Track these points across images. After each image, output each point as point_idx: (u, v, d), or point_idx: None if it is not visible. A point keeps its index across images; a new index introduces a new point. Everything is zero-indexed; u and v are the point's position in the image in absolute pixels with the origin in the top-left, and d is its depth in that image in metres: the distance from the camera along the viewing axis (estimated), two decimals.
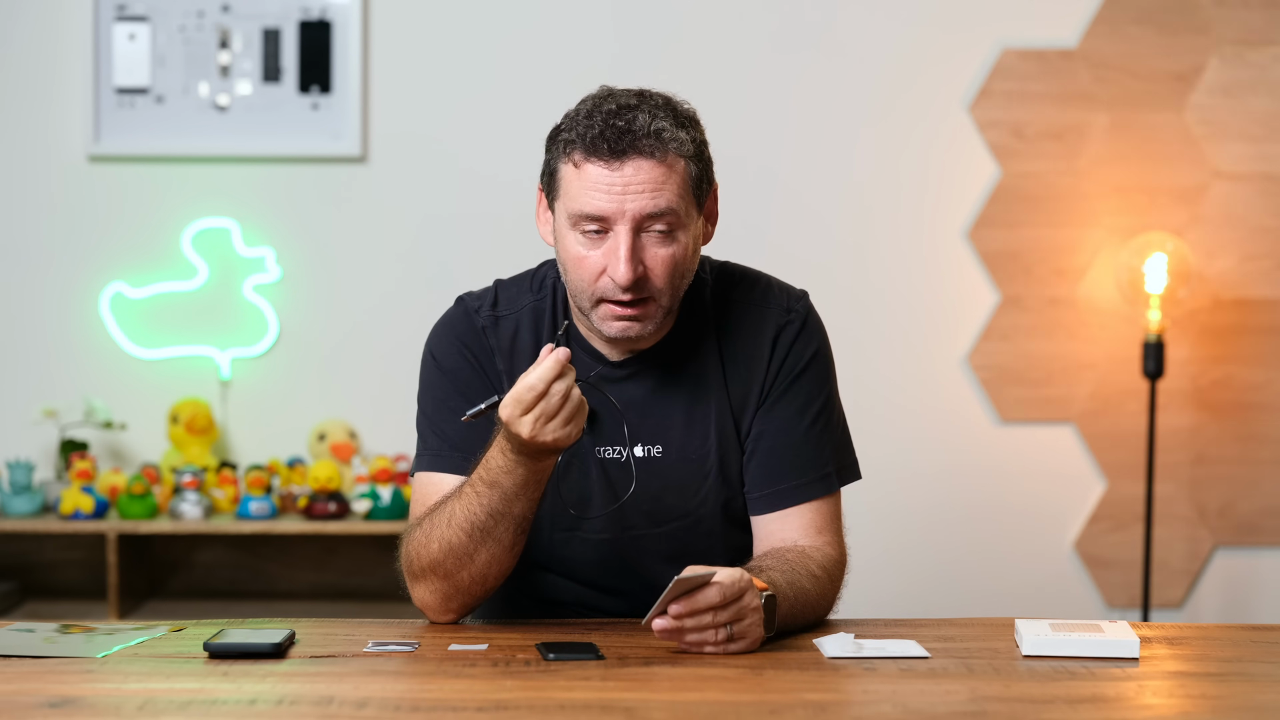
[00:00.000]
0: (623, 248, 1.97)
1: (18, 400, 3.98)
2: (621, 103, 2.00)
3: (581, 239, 2.01)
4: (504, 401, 1.91)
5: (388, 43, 3.99)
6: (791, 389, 2.14)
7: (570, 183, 2.00)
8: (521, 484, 1.97)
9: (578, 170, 1.99)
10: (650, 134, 1.97)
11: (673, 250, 2.01)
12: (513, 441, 1.93)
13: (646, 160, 1.97)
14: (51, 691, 1.70)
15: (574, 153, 1.99)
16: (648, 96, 2.03)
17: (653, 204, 1.98)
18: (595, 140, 1.97)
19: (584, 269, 2.01)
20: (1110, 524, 4.07)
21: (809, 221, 4.04)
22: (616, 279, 1.98)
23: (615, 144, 1.97)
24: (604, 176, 1.97)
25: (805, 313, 2.17)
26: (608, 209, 1.97)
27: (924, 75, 4.03)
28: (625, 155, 1.97)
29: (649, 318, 2.03)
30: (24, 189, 4.00)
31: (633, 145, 1.97)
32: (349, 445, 3.91)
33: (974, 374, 4.05)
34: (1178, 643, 2.01)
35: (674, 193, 1.99)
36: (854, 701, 1.72)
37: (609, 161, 1.97)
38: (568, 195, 2.01)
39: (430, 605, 2.08)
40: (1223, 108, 4.03)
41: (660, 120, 1.99)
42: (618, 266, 1.97)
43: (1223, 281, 4.05)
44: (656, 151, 1.98)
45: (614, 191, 1.97)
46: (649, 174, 1.97)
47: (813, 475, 2.13)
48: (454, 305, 2.20)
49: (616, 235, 1.98)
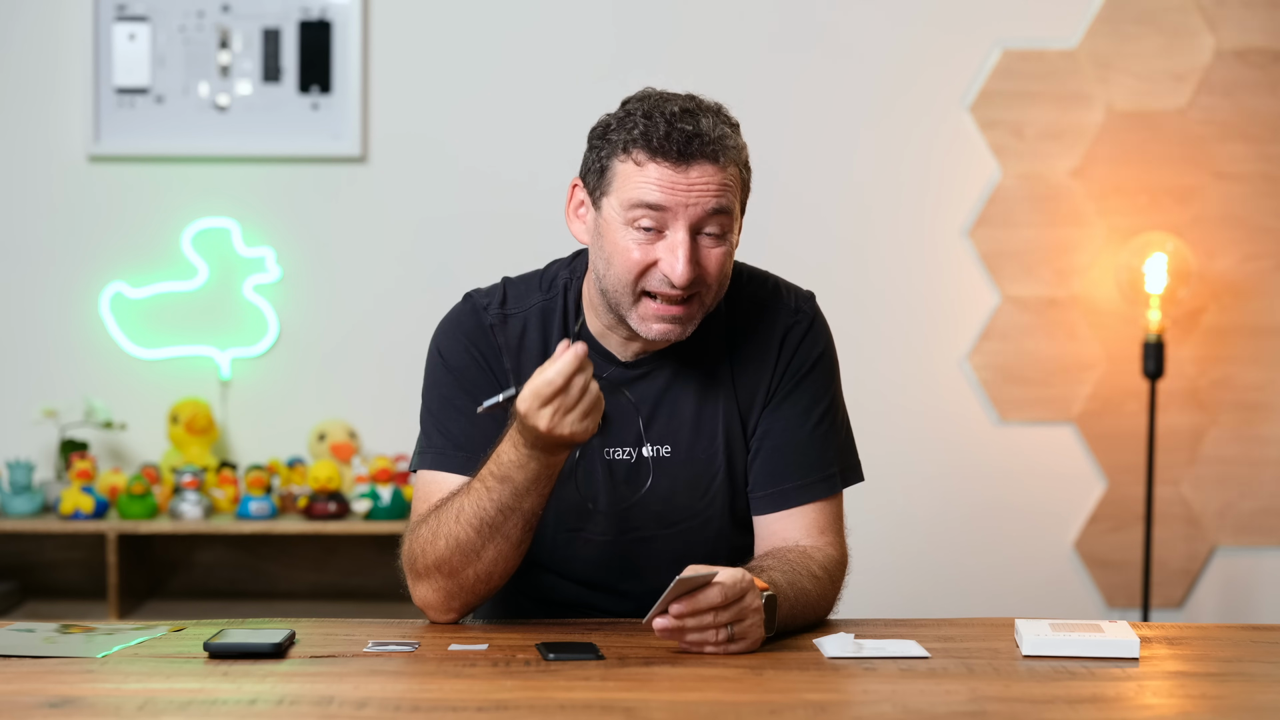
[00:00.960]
0: (682, 246, 1.99)
1: (18, 400, 3.98)
2: (684, 106, 2.03)
3: (635, 234, 2.01)
4: (522, 394, 1.91)
5: (388, 43, 3.99)
6: (797, 389, 2.15)
7: (630, 177, 2.01)
8: (533, 479, 1.97)
9: (640, 168, 2.00)
10: (715, 140, 2.00)
11: (724, 250, 2.04)
12: (527, 435, 1.93)
13: (711, 165, 2.00)
14: (51, 691, 1.70)
15: (635, 151, 2.00)
16: (701, 102, 2.05)
17: (715, 203, 2.00)
18: (662, 141, 1.99)
19: (632, 262, 2.01)
20: (1110, 524, 4.07)
21: (809, 221, 4.04)
22: (674, 276, 1.99)
23: (684, 147, 1.99)
24: (669, 176, 1.99)
25: (813, 314, 2.19)
26: (670, 203, 1.99)
27: (924, 75, 4.03)
28: (693, 159, 1.99)
29: (691, 319, 2.05)
30: (24, 189, 4.00)
31: (700, 149, 1.99)
32: (349, 445, 3.91)
33: (974, 374, 4.05)
34: (1178, 643, 2.01)
35: (731, 197, 2.02)
36: (854, 701, 1.72)
37: (675, 164, 1.99)
38: (625, 188, 2.01)
39: (432, 604, 2.08)
40: (1223, 108, 4.03)
41: (722, 127, 2.02)
42: (675, 264, 1.99)
43: (1223, 281, 4.05)
44: (720, 157, 2.01)
45: (678, 190, 1.99)
46: (712, 178, 2.00)
47: (816, 476, 2.13)
48: (461, 302, 2.19)
49: (674, 233, 2.00)
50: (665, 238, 2.00)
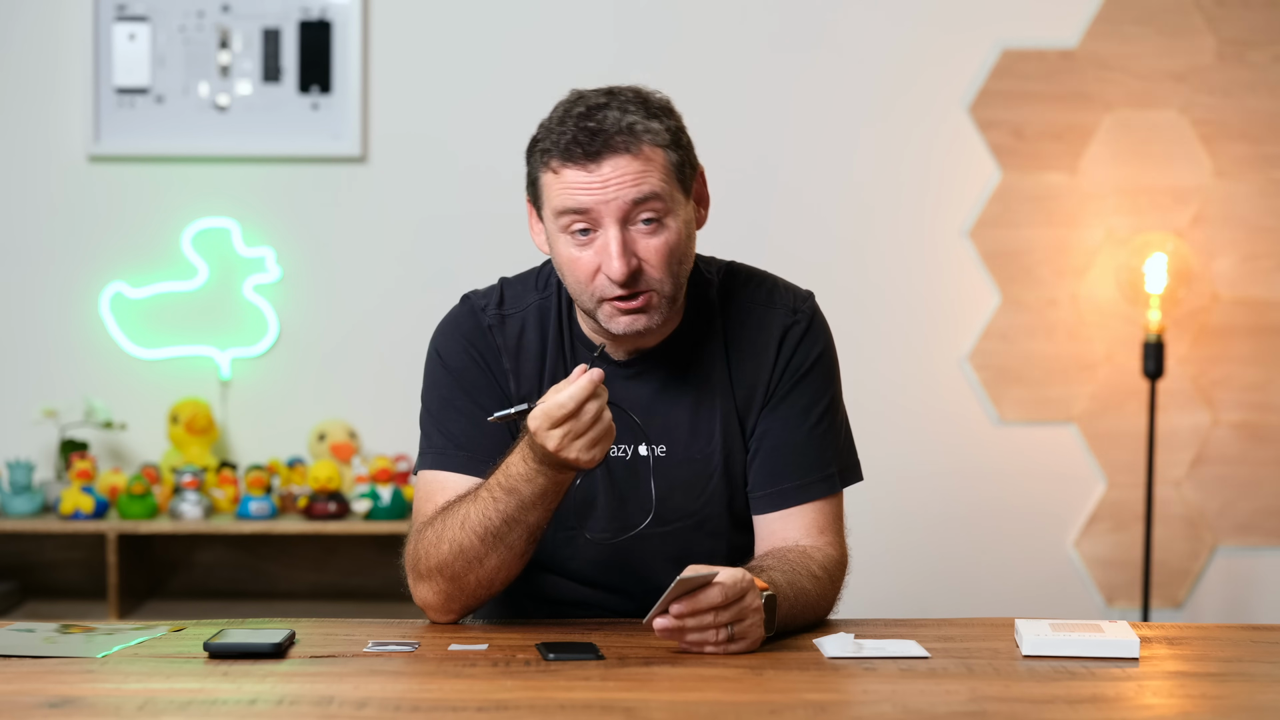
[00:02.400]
0: (613, 243, 1.98)
1: (18, 400, 3.98)
2: (591, 104, 2.02)
3: (571, 241, 2.01)
4: (534, 413, 1.90)
5: (388, 43, 3.99)
6: (796, 389, 2.14)
7: (552, 186, 2.02)
8: (540, 493, 1.97)
9: (558, 175, 2.00)
10: (623, 130, 1.99)
11: (665, 238, 2.01)
12: (536, 451, 1.93)
13: (622, 156, 1.98)
14: (51, 691, 1.70)
15: (551, 160, 2.01)
16: (617, 93, 2.04)
17: (635, 192, 1.98)
18: (570, 145, 1.99)
19: (579, 270, 2.02)
20: (1110, 524, 4.07)
21: (809, 221, 4.04)
22: (610, 274, 1.98)
23: (589, 146, 1.98)
24: (582, 178, 1.99)
25: (811, 313, 2.18)
26: (590, 203, 1.98)
27: (924, 75, 4.03)
28: (601, 155, 1.98)
29: (653, 309, 2.03)
30: (24, 189, 4.00)
31: (607, 144, 1.98)
32: (349, 445, 3.91)
33: (974, 374, 4.05)
34: (1178, 643, 2.01)
35: (656, 181, 2.00)
36: (854, 701, 1.72)
37: (584, 164, 1.98)
38: (552, 198, 2.02)
39: (432, 605, 2.08)
40: (1223, 108, 4.03)
41: (631, 114, 2.00)
42: (610, 261, 1.98)
43: (1223, 281, 4.05)
44: (631, 146, 1.99)
45: (594, 189, 1.98)
46: (626, 168, 1.98)
47: (815, 475, 2.13)
48: (459, 303, 2.20)
49: (605, 232, 1.99)
50: (599, 238, 2.00)
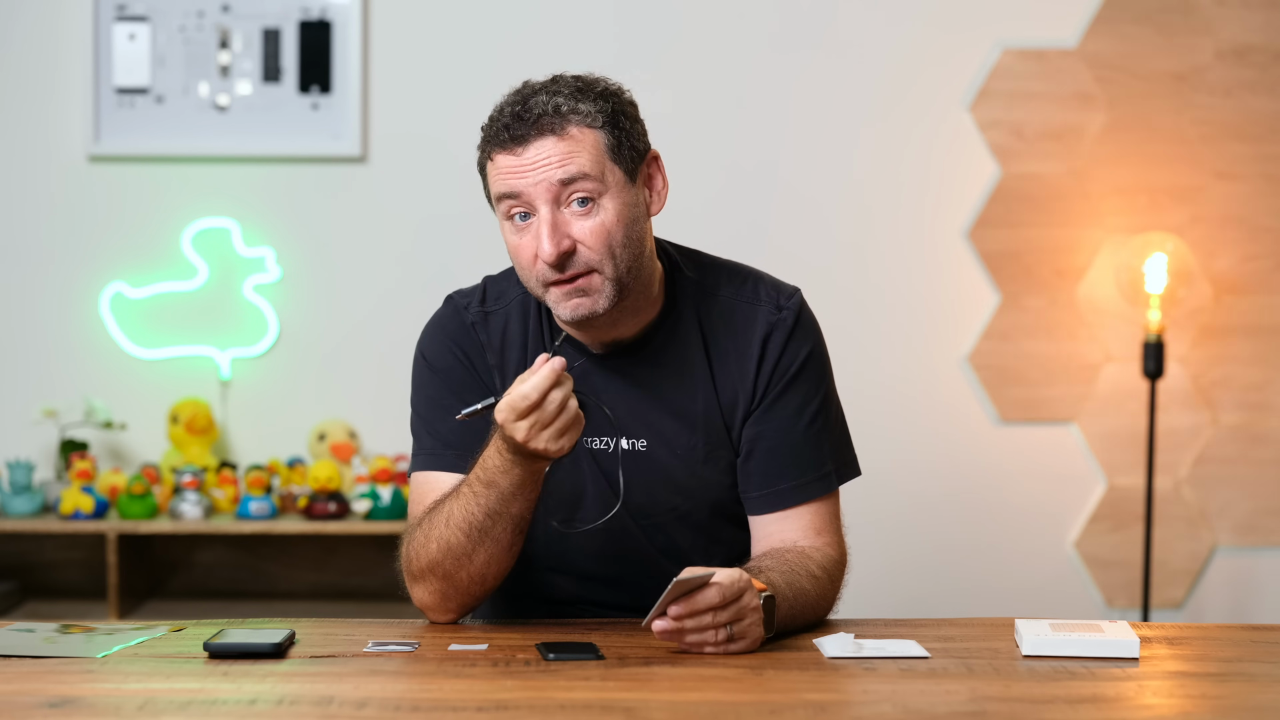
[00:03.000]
0: (543, 224, 1.99)
1: (18, 400, 3.98)
2: (524, 92, 2.05)
3: (512, 227, 2.03)
4: (500, 406, 1.91)
5: (388, 43, 3.99)
6: (788, 390, 2.13)
7: (490, 175, 2.05)
8: (518, 484, 1.97)
9: (493, 163, 2.03)
10: (548, 112, 2.00)
11: (600, 219, 2.01)
12: (508, 443, 1.93)
13: (547, 138, 2.00)
14: (51, 691, 1.70)
15: (488, 149, 2.04)
16: (558, 79, 2.06)
17: (561, 172, 1.99)
18: (499, 131, 2.02)
19: (521, 256, 2.03)
20: (1110, 524, 4.07)
21: (809, 221, 4.04)
22: (541, 255, 1.99)
23: (514, 130, 2.00)
24: (511, 162, 2.00)
25: (797, 310, 2.15)
26: (519, 187, 2.00)
27: (924, 75, 4.03)
28: (526, 139, 2.00)
29: (595, 290, 2.02)
30: (24, 189, 4.00)
31: (533, 126, 2.00)
32: (349, 445, 3.91)
33: (974, 374, 4.05)
34: (1178, 643, 2.01)
35: (585, 161, 2.00)
36: (854, 701, 1.72)
37: (512, 148, 2.01)
38: (491, 186, 2.05)
39: (429, 605, 2.08)
40: (1223, 108, 4.03)
41: (558, 98, 2.02)
42: (541, 243, 1.99)
43: (1223, 281, 4.05)
44: (555, 127, 2.00)
45: (523, 171, 2.00)
46: (551, 149, 2.00)
47: (811, 475, 2.13)
48: (443, 304, 2.21)
49: (537, 215, 2.00)
50: (534, 222, 2.01)
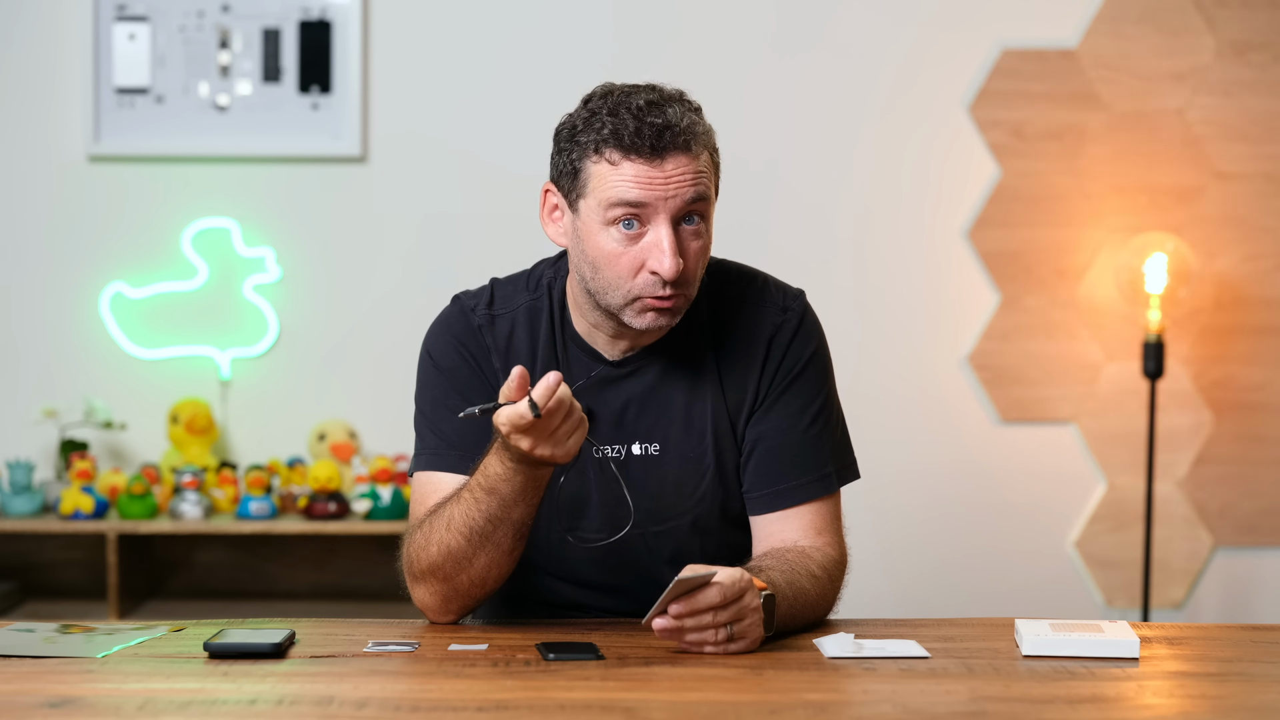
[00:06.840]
0: (667, 240, 1.98)
1: (18, 400, 3.98)
2: (649, 99, 2.00)
3: (617, 235, 2.00)
4: (500, 419, 1.89)
5: (388, 43, 3.99)
6: (790, 390, 2.14)
7: (605, 178, 1.99)
8: (520, 491, 1.96)
9: (615, 167, 1.98)
10: (685, 129, 1.99)
11: (704, 242, 2.04)
12: (511, 451, 1.93)
13: (684, 155, 1.99)
14: (51, 691, 1.70)
15: (607, 150, 1.99)
16: (666, 92, 2.03)
17: (693, 192, 1.99)
18: (634, 137, 1.97)
19: (619, 265, 2.00)
20: (1110, 524, 4.07)
21: (809, 221, 4.04)
22: (663, 272, 1.98)
23: (656, 140, 1.97)
24: (646, 172, 1.97)
25: (802, 311, 2.17)
26: (650, 198, 1.98)
27: (924, 75, 4.03)
28: (666, 151, 1.98)
29: (679, 309, 2.04)
30: (24, 189, 4.00)
31: (673, 141, 1.98)
32: (349, 445, 3.91)
33: (974, 374, 4.05)
34: (1178, 643, 2.01)
35: (707, 183, 2.02)
36: (854, 701, 1.72)
37: (650, 158, 1.97)
38: (602, 189, 1.99)
39: (430, 606, 2.08)
40: (1223, 108, 4.03)
41: (689, 115, 2.01)
42: (663, 259, 1.97)
43: (1223, 281, 4.05)
44: (693, 145, 1.99)
45: (656, 184, 1.98)
46: (687, 167, 1.99)
47: (812, 476, 2.13)
48: (450, 304, 2.20)
49: (657, 228, 1.98)
50: (647, 234, 1.99)
